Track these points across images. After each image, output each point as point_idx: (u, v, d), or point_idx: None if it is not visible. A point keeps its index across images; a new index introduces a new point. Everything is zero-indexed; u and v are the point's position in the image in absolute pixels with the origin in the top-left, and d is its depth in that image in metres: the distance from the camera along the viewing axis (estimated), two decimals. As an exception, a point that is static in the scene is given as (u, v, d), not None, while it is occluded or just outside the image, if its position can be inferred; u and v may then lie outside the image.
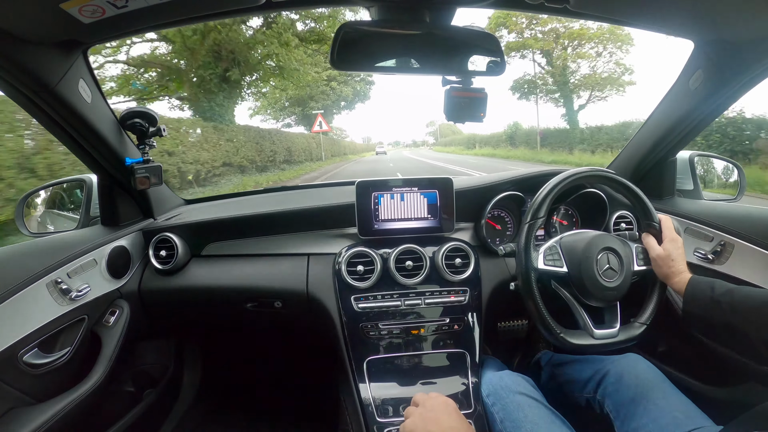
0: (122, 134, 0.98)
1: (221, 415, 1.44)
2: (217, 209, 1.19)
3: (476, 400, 0.87)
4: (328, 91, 24.05)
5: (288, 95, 22.20)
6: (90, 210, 1.17)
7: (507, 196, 1.09)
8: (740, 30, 0.76)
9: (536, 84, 20.46)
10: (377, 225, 1.03)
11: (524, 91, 21.11)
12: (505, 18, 18.43)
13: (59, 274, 0.83)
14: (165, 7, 0.67)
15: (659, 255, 0.78)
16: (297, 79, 13.09)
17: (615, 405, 0.78)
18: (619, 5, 0.76)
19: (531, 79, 20.59)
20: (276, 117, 25.98)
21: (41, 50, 0.71)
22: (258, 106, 24.38)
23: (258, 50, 11.44)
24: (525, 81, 20.82)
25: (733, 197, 1.28)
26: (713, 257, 0.94)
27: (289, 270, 1.04)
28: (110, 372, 0.89)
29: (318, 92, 23.22)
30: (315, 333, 1.11)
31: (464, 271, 1.00)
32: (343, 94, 25.08)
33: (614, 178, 0.85)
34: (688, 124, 0.99)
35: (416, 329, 0.96)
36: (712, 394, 0.97)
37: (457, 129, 66.65)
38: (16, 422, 0.71)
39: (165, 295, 1.05)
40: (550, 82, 19.91)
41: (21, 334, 0.74)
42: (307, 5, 0.93)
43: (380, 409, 0.86)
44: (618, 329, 0.78)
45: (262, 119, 26.10)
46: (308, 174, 13.83)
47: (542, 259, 0.79)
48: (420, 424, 0.56)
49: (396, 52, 0.75)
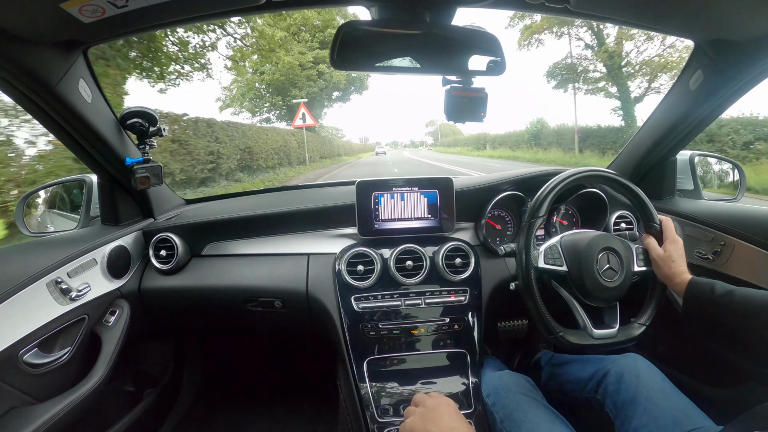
0: (122, 134, 0.98)
1: (221, 415, 1.44)
2: (217, 209, 1.19)
3: (476, 400, 0.87)
4: (315, 76, 18.86)
5: (265, 81, 18.20)
6: (90, 210, 1.17)
7: (507, 196, 1.09)
8: (740, 30, 0.76)
9: (576, 69, 15.65)
10: (377, 225, 1.03)
11: (563, 77, 16.32)
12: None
13: (59, 274, 0.83)
14: (165, 7, 0.67)
15: (659, 256, 0.78)
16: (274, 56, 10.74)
17: (615, 405, 0.78)
18: (619, 5, 0.76)
19: (572, 62, 15.88)
20: (252, 110, 20.19)
21: (41, 50, 0.71)
22: (228, 97, 19.45)
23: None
24: (565, 66, 16.14)
25: (734, 197, 1.28)
26: (713, 257, 0.94)
27: (289, 270, 1.04)
28: (110, 372, 0.89)
29: (302, 77, 18.42)
30: (315, 333, 1.11)
31: (464, 271, 1.00)
32: (334, 80, 19.91)
33: (615, 178, 0.85)
34: (688, 124, 0.99)
35: (416, 329, 0.96)
36: (712, 394, 0.97)
37: (457, 129, 65.78)
38: (17, 422, 0.71)
39: (165, 294, 1.05)
40: (596, 67, 15.32)
41: (21, 333, 0.74)
42: (307, 5, 0.93)
43: (380, 409, 0.86)
44: (617, 329, 0.78)
45: (233, 113, 20.29)
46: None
47: (542, 258, 0.79)
48: (420, 424, 0.56)
49: (396, 51, 0.75)
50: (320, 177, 12.01)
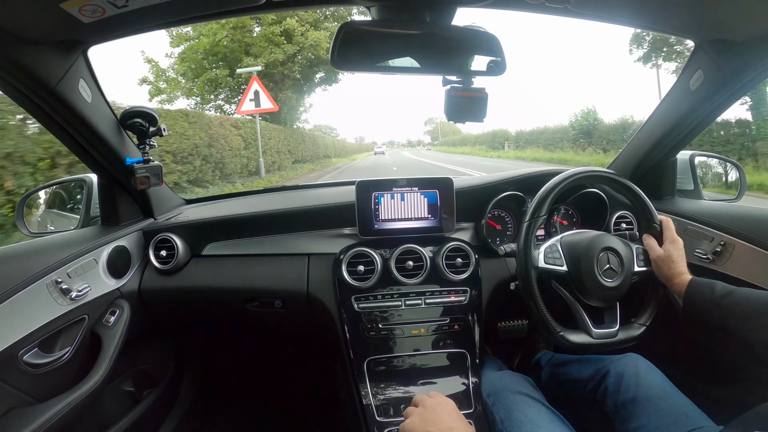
0: (122, 134, 0.98)
1: (221, 415, 1.44)
2: (218, 209, 1.19)
3: (476, 400, 0.87)
4: (279, 37, 11.95)
5: (203, 46, 11.93)
6: (90, 210, 1.17)
7: (507, 196, 1.09)
8: (740, 30, 0.76)
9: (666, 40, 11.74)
10: (377, 225, 1.03)
11: (650, 47, 12.71)
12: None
13: (59, 274, 0.83)
14: (165, 7, 0.67)
15: (660, 256, 0.78)
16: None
17: (615, 405, 0.78)
18: (620, 6, 0.76)
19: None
20: (193, 93, 13.09)
21: (41, 50, 0.71)
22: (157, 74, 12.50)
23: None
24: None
25: (734, 197, 1.28)
26: (713, 257, 0.94)
27: (290, 270, 1.04)
28: (110, 372, 0.89)
29: (259, 39, 11.94)
30: (315, 333, 1.11)
31: (464, 271, 1.00)
32: (309, 43, 12.19)
33: (615, 178, 0.85)
34: (689, 124, 0.99)
35: (416, 329, 0.96)
36: (712, 394, 0.97)
37: (457, 128, 64.77)
38: (16, 422, 0.71)
39: (165, 295, 1.05)
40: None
41: (21, 333, 0.74)
42: (307, 5, 0.94)
43: (380, 409, 0.86)
44: (617, 329, 0.79)
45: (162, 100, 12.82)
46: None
47: (542, 258, 0.79)
48: (420, 424, 0.56)
49: (396, 52, 0.75)
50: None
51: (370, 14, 0.78)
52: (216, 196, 1.45)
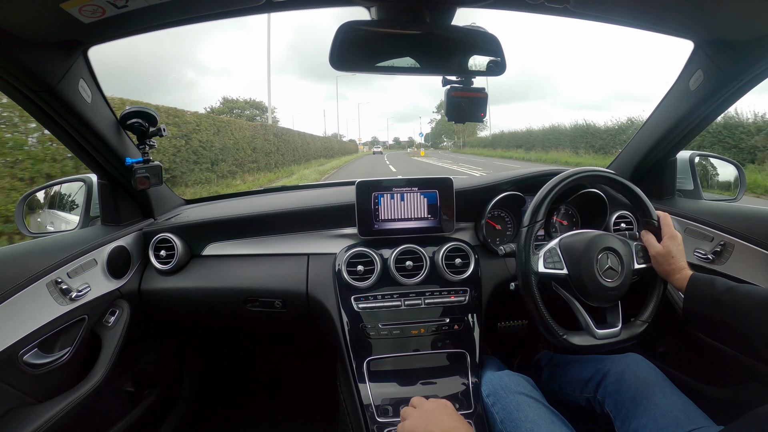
0: (122, 134, 0.98)
1: (221, 415, 1.44)
2: (217, 209, 1.19)
3: (476, 400, 0.87)
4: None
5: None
6: (90, 210, 1.17)
7: (507, 196, 1.09)
8: (740, 30, 0.76)
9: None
10: (377, 225, 1.03)
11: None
12: None
13: (59, 274, 0.83)
14: (165, 7, 0.67)
15: (659, 252, 0.78)
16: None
17: (615, 405, 0.78)
18: (619, 6, 0.76)
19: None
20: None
21: (41, 50, 0.71)
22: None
23: None
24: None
25: (733, 197, 1.28)
26: (713, 257, 0.94)
27: (289, 270, 1.04)
28: (110, 372, 0.89)
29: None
30: (315, 333, 1.11)
31: (464, 271, 1.00)
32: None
33: (613, 177, 0.85)
34: (688, 124, 0.99)
35: (416, 329, 0.96)
36: (712, 394, 0.97)
37: (454, 128, 63.57)
38: (16, 422, 0.71)
39: (165, 295, 1.05)
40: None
41: (21, 334, 0.74)
42: (307, 5, 0.94)
43: (380, 410, 0.86)
44: (620, 328, 0.78)
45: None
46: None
47: (542, 263, 0.79)
48: (420, 425, 0.56)
49: (396, 52, 0.75)
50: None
51: (369, 14, 0.78)
52: (216, 196, 1.45)
